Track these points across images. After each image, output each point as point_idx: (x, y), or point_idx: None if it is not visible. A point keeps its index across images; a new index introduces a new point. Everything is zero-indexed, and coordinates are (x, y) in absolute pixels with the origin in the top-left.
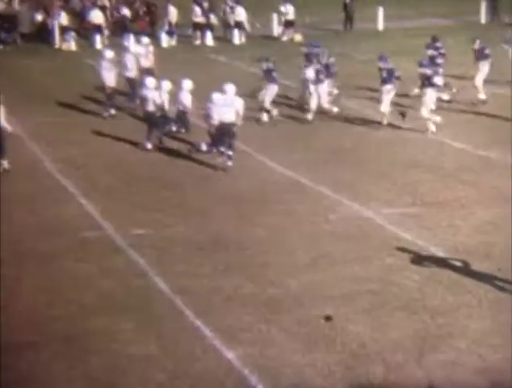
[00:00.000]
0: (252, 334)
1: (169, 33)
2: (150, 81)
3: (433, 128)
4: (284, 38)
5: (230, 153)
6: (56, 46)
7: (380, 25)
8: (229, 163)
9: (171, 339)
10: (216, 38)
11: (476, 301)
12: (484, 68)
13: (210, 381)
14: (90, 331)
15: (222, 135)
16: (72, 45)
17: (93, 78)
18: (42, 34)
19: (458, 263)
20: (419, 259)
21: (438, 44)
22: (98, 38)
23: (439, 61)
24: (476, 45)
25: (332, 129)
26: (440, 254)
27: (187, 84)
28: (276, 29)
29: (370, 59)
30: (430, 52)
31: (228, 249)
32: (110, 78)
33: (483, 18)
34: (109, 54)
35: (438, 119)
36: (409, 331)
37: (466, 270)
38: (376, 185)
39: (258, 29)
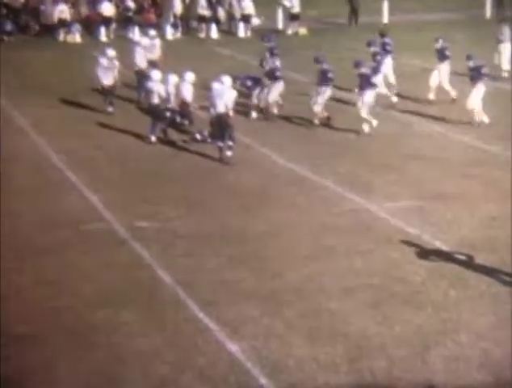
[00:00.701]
0: (255, 327)
1: (174, 26)
2: (156, 74)
3: (367, 128)
4: (289, 31)
5: (230, 143)
6: (61, 38)
7: (386, 19)
8: (229, 153)
9: (174, 331)
10: (220, 31)
11: (480, 295)
12: (447, 68)
13: (213, 373)
14: (92, 324)
15: (218, 125)
16: (76, 37)
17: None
18: (49, 26)
19: (462, 257)
20: (423, 253)
21: (387, 40)
22: (103, 30)
23: (378, 58)
24: (439, 45)
25: (335, 122)
26: (444, 248)
27: (190, 76)
28: (281, 22)
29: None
30: (373, 49)
31: (232, 242)
32: (107, 75)
33: (488, 13)
34: (111, 53)
35: (374, 122)
36: (413, 325)
37: (470, 264)
38: (380, 178)
39: (263, 22)
